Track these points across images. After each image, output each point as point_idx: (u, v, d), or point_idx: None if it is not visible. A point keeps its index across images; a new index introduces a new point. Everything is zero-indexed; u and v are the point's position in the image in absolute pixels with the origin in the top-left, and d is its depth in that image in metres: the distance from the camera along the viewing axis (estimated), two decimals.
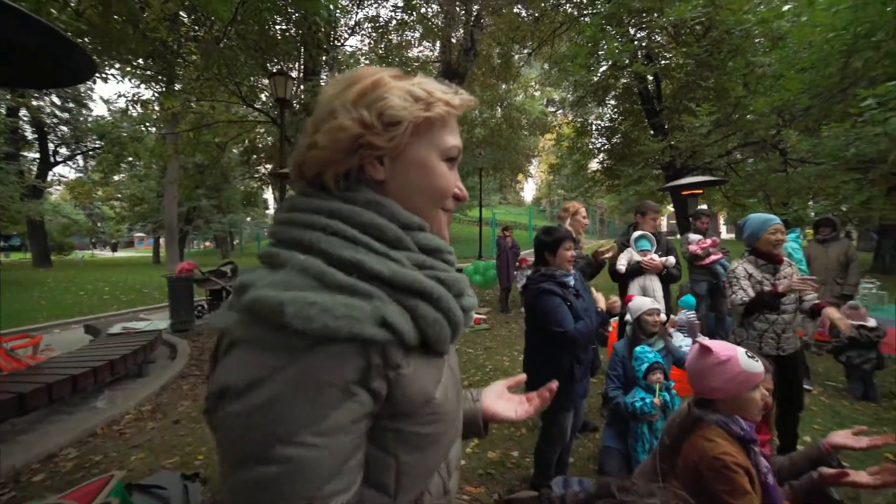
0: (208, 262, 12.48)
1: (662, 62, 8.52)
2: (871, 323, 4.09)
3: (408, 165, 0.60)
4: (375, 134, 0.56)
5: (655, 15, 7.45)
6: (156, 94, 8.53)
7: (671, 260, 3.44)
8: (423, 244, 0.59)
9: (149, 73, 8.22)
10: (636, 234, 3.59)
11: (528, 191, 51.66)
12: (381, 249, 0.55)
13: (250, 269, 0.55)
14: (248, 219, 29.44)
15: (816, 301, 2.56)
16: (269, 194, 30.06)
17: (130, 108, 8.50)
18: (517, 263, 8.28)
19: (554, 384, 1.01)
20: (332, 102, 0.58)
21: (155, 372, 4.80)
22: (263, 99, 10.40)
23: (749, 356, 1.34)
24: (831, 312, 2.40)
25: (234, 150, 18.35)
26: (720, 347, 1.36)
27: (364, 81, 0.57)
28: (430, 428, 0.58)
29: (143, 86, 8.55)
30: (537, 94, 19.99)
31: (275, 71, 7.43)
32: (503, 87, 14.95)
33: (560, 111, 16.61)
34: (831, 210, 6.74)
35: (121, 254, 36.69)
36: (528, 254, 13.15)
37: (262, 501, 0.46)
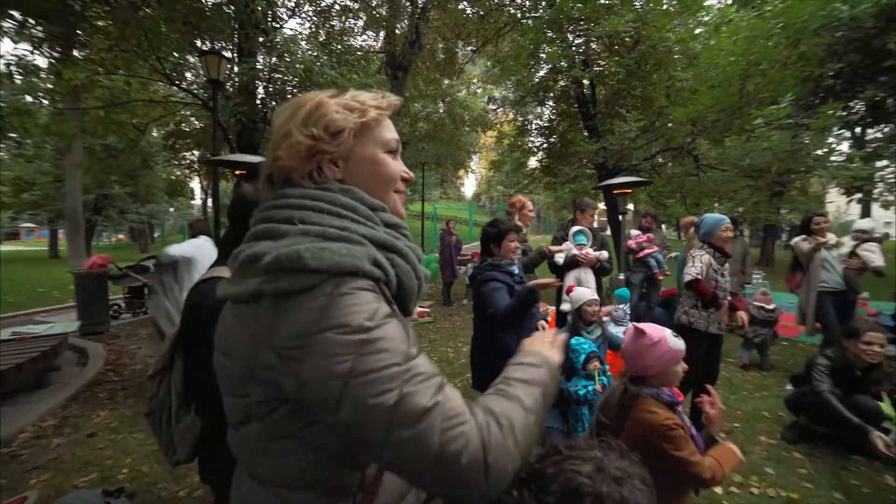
0: (124, 257, 11.24)
1: (597, 69, 9.08)
2: (771, 306, 4.97)
3: (359, 163, 0.74)
4: (325, 143, 0.71)
5: (592, 24, 7.91)
6: (51, 61, 7.19)
7: (604, 254, 3.71)
8: (387, 221, 0.74)
9: (42, 34, 6.72)
10: (574, 228, 3.82)
11: (469, 186, 52.57)
12: (362, 220, 0.70)
13: (250, 244, 0.67)
14: (172, 209, 26.89)
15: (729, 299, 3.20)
16: (196, 183, 27.68)
17: (14, 72, 6.90)
18: (469, 257, 8.44)
19: None
20: (286, 125, 0.71)
21: (60, 381, 4.27)
22: (190, 78, 9.52)
23: (675, 336, 1.54)
24: (741, 314, 3.37)
25: (155, 133, 16.64)
26: (652, 330, 1.54)
27: (308, 105, 0.72)
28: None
29: (35, 50, 7.06)
30: (480, 91, 20.35)
31: (206, 49, 6.82)
32: (446, 82, 15.03)
33: (501, 109, 17.01)
34: (732, 211, 7.70)
35: (3, 248, 30.80)
36: (470, 247, 13.42)
37: (385, 368, 0.57)
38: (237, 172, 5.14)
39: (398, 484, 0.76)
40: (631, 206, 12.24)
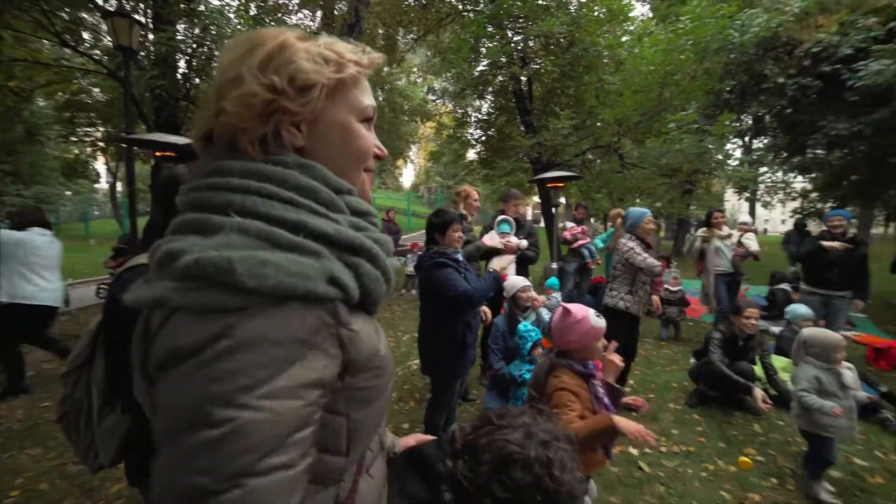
0: None
1: (534, 67, 9.46)
2: (675, 288, 5.79)
3: (327, 129, 0.59)
4: (289, 99, 0.55)
5: (530, 23, 8.22)
6: None
7: (524, 242, 3.84)
8: (354, 207, 0.60)
9: None
10: (499, 218, 3.96)
11: (408, 177, 52.24)
12: (322, 211, 0.55)
13: (172, 237, 0.51)
14: (69, 193, 23.52)
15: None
16: (101, 164, 24.50)
17: None
18: (409, 247, 8.43)
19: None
20: (235, 67, 0.54)
21: None
22: (90, 40, 8.33)
23: (597, 316, 1.72)
24: (655, 298, 3.94)
25: (41, 101, 14.42)
26: (577, 310, 1.73)
27: (268, 45, 0.55)
28: (377, 381, 0.60)
29: None
30: (420, 80, 20.23)
31: (112, 10, 6.00)
32: (386, 69, 14.74)
33: (441, 100, 17.06)
34: (652, 206, 8.54)
35: None
36: (409, 238, 13.37)
37: (200, 466, 0.43)
38: (159, 154, 4.68)
39: (375, 488, 0.68)
40: (563, 200, 12.98)
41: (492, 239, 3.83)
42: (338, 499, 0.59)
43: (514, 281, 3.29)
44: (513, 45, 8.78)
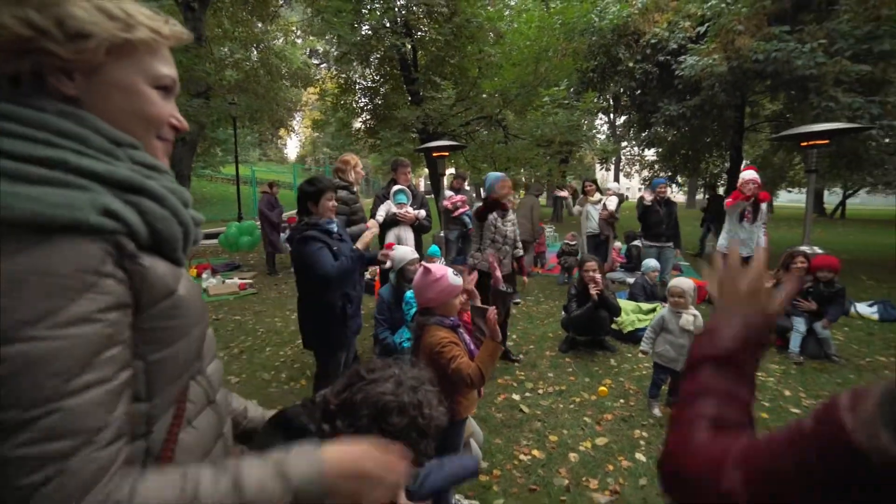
0: None
1: (419, 34, 9.30)
2: (574, 242, 6.60)
3: (109, 87, 0.57)
4: (54, 42, 0.51)
5: None
6: None
7: (422, 213, 3.94)
8: (140, 160, 0.58)
9: None
10: (395, 188, 3.95)
11: (292, 148, 48.44)
12: (90, 153, 0.52)
13: None
14: None
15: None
16: None
17: None
18: (286, 222, 7.85)
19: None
20: None
21: None
22: None
23: (455, 274, 1.83)
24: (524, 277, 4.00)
25: None
26: (436, 269, 1.81)
27: None
28: (175, 322, 0.59)
29: None
30: (299, 41, 18.51)
31: None
32: (259, 25, 13.16)
33: (324, 65, 15.90)
34: (532, 175, 9.25)
35: None
36: (292, 213, 12.53)
37: (7, 402, 0.42)
38: None
39: (202, 441, 0.66)
40: (452, 170, 13.35)
41: (388, 209, 3.77)
42: (149, 452, 0.58)
43: (402, 253, 3.23)
44: (396, 9, 8.49)
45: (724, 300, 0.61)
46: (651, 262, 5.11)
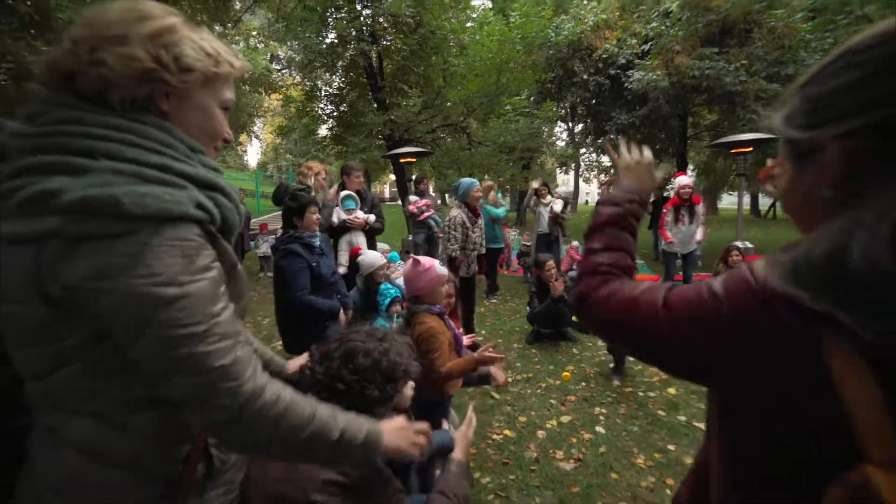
0: None
1: (385, 43, 9.49)
2: (529, 243, 6.95)
3: (192, 106, 0.71)
4: (170, 73, 0.65)
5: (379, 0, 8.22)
6: None
7: (371, 217, 3.88)
8: (207, 163, 0.72)
9: None
10: (343, 193, 3.88)
11: (253, 154, 46.97)
12: (182, 158, 0.67)
13: (33, 177, 0.57)
14: None
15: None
16: None
17: None
18: (258, 230, 7.77)
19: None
20: (122, 28, 0.62)
21: None
22: None
23: (442, 265, 2.06)
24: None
25: None
26: (426, 260, 2.04)
27: (159, 22, 0.64)
28: (236, 289, 0.75)
29: None
30: (261, 46, 18.18)
31: None
32: (218, 29, 12.85)
33: (287, 70, 15.70)
34: (496, 180, 9.63)
35: None
36: (259, 220, 12.29)
37: (183, 326, 0.60)
38: None
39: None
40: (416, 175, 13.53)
41: (337, 216, 3.74)
42: None
43: (372, 259, 3.23)
44: (362, 19, 8.65)
45: (622, 175, 0.81)
46: None
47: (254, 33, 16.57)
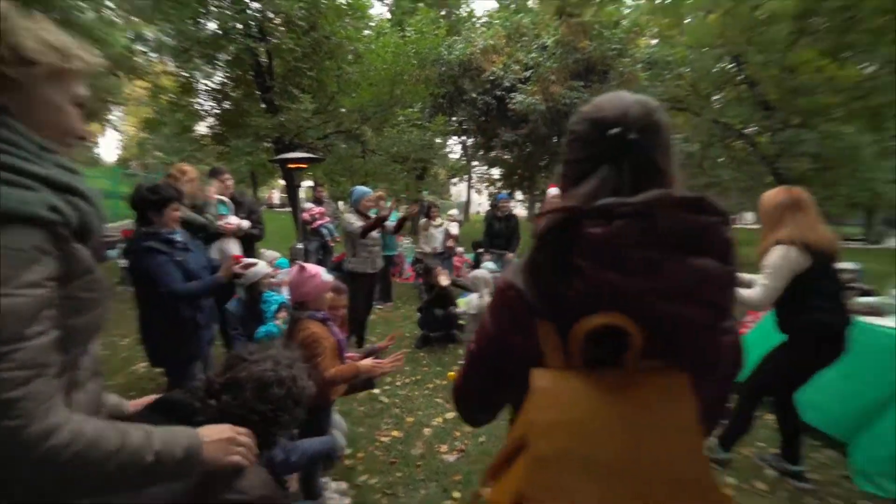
0: None
1: (274, 41, 9.01)
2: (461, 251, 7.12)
3: (39, 102, 0.67)
4: (5, 65, 0.62)
5: None
6: None
7: (245, 224, 3.66)
8: (62, 164, 0.69)
9: None
10: (214, 198, 3.60)
11: (110, 147, 40.12)
12: (31, 158, 0.63)
13: None
14: None
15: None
16: None
17: None
18: (119, 236, 6.68)
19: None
20: None
21: None
22: None
23: (327, 273, 2.13)
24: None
25: None
26: (311, 267, 2.09)
27: None
28: (90, 294, 0.72)
29: None
30: (119, 21, 15.63)
31: None
32: None
33: (157, 56, 13.80)
34: (390, 189, 9.76)
35: None
36: (119, 226, 10.56)
37: None
38: None
39: (91, 405, 0.78)
40: (310, 183, 13.05)
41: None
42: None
43: (260, 268, 3.07)
44: (249, 12, 8.10)
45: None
46: (489, 265, 5.92)
47: (108, 4, 14.16)
